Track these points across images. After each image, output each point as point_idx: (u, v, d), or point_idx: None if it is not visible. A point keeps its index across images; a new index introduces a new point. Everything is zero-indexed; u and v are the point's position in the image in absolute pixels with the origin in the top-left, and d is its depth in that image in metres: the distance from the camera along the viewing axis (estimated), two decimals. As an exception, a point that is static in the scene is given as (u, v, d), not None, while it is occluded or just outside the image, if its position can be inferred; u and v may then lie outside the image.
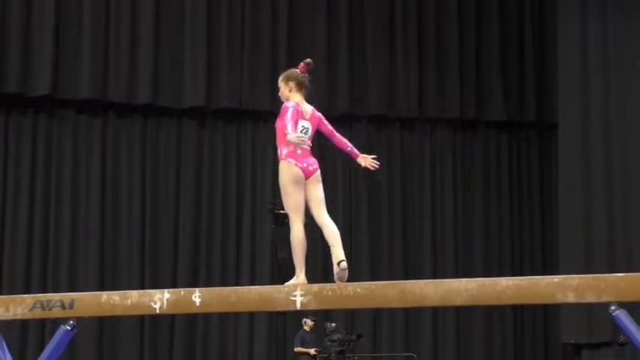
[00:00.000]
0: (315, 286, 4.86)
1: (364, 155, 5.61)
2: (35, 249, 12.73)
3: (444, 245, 14.26)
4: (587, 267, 12.27)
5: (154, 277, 12.98)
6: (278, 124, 5.41)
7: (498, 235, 14.46)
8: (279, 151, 5.38)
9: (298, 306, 4.74)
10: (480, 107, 14.48)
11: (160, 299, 5.04)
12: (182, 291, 5.16)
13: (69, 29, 12.87)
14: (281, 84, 5.52)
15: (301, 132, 5.31)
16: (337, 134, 5.62)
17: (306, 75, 5.51)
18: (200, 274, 13.31)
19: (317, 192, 5.34)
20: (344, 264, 5.02)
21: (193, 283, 12.62)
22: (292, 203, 5.29)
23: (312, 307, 4.85)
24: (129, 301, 5.20)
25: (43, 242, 12.77)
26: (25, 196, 12.78)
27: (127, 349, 12.91)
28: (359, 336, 11.77)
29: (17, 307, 5.44)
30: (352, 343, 11.44)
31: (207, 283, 12.69)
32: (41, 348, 10.71)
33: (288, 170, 5.31)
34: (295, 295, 4.72)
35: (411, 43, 14.29)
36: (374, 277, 13.01)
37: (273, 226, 12.45)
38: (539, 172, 14.80)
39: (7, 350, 5.54)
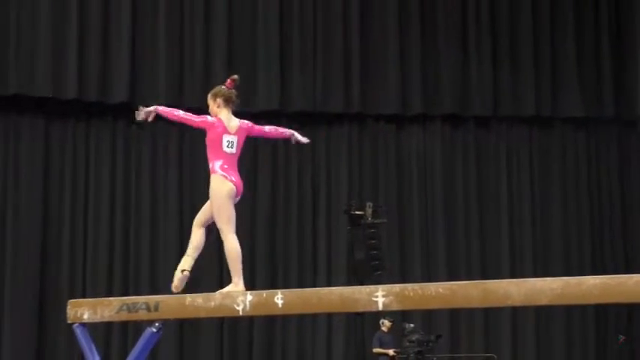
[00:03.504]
0: (397, 287, 4.78)
1: (292, 131, 5.94)
2: (117, 251, 13.03)
3: (522, 244, 14.06)
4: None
5: (232, 278, 13.09)
6: (207, 140, 5.61)
7: (578, 234, 14.18)
8: (210, 165, 5.57)
9: (380, 307, 4.68)
10: (557, 104, 14.21)
11: (242, 301, 5.06)
12: (264, 293, 5.15)
13: (145, 40, 13.15)
14: (209, 101, 5.70)
15: (227, 146, 5.54)
16: (267, 129, 5.93)
17: (233, 91, 5.71)
18: (277, 276, 13.42)
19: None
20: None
21: (271, 284, 12.73)
22: (226, 216, 5.55)
23: (394, 307, 4.76)
24: (212, 304, 5.26)
25: (124, 244, 13.07)
26: (106, 201, 13.10)
27: (207, 349, 13.09)
28: (437, 336, 11.70)
29: (104, 309, 5.57)
30: (431, 344, 11.38)
31: (285, 284, 12.78)
32: (125, 349, 10.97)
33: (222, 185, 5.51)
34: (377, 296, 4.66)
35: (484, 40, 14.12)
36: (451, 276, 12.91)
37: (349, 227, 12.48)
38: (619, 168, 14.45)
39: (95, 351, 5.68)
